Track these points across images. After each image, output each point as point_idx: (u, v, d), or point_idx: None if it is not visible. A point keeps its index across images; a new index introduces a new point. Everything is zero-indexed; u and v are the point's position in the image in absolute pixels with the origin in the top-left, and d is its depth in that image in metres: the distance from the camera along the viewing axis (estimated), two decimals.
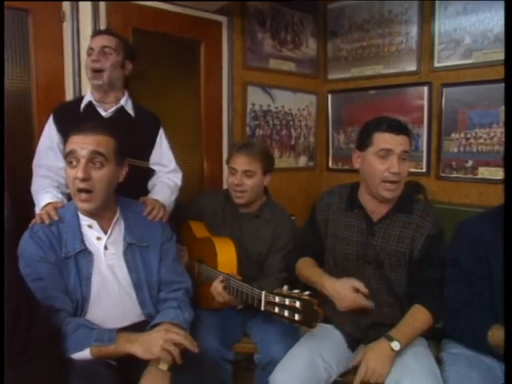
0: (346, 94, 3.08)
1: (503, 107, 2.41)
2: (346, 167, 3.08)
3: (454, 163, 2.60)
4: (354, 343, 1.50)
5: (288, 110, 2.97)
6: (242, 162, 1.75)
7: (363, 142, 1.44)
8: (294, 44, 3.00)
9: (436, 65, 2.66)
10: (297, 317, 1.20)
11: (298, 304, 1.20)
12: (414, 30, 2.75)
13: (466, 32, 2.55)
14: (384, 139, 1.38)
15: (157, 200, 1.61)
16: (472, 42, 2.53)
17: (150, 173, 1.82)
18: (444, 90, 2.62)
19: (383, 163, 1.37)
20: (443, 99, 2.62)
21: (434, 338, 1.49)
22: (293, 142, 3.03)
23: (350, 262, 1.50)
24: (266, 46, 2.83)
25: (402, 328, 1.35)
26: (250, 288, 1.40)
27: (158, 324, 1.27)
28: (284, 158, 2.98)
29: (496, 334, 1.21)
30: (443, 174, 2.64)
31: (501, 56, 2.43)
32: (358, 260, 1.48)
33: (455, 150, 2.59)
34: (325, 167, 3.20)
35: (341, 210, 1.54)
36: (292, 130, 3.01)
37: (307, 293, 1.24)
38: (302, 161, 3.10)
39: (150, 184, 1.81)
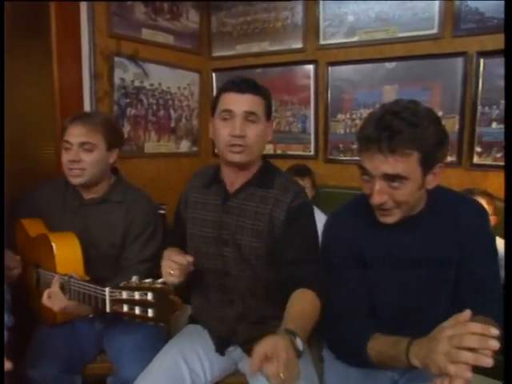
0: (232, 73, 2.83)
1: (386, 87, 2.37)
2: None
3: (341, 145, 2.51)
4: (222, 344, 1.27)
5: (166, 88, 2.62)
6: (77, 133, 1.39)
7: (213, 107, 1.25)
8: (171, 14, 2.65)
9: (321, 42, 2.53)
10: (150, 313, 0.94)
11: (149, 296, 0.95)
12: (299, 5, 2.60)
13: (349, 9, 2.46)
14: (226, 99, 1.19)
15: None
16: (355, 20, 2.45)
17: None
18: (330, 68, 2.51)
19: (226, 126, 1.18)
20: (329, 78, 2.51)
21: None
22: (173, 125, 2.69)
23: (207, 245, 1.26)
24: (138, 13, 2.44)
25: (297, 320, 0.99)
26: (93, 287, 1.10)
27: None
28: (163, 142, 2.64)
29: (375, 347, 1.00)
30: (331, 157, 2.54)
31: (382, 35, 2.38)
32: (216, 242, 1.24)
33: (342, 132, 2.49)
34: (211, 152, 2.92)
35: (200, 189, 1.32)
36: (171, 111, 2.67)
37: (161, 280, 0.98)
38: (185, 145, 2.79)
39: None
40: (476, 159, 2.20)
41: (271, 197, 1.21)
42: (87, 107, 2.22)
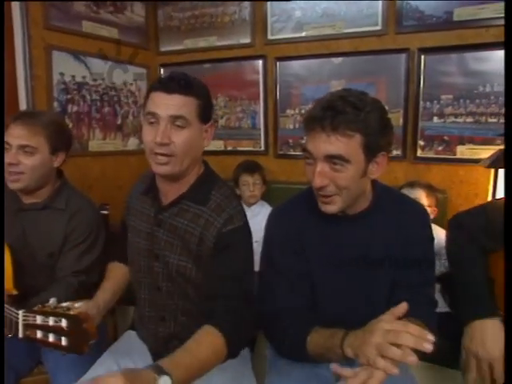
0: (180, 68, 2.76)
1: (333, 82, 2.39)
2: None
3: (290, 140, 2.51)
4: (158, 359, 1.21)
5: (111, 84, 2.52)
6: (17, 135, 1.29)
7: (143, 108, 1.10)
8: (114, 7, 2.55)
9: (270, 37, 2.52)
10: (63, 341, 0.84)
11: (64, 323, 0.84)
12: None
13: (296, 5, 2.46)
14: (152, 100, 1.03)
15: None
16: (302, 15, 2.45)
17: None
18: (278, 63, 2.50)
19: (150, 131, 1.03)
20: (277, 73, 2.50)
21: None
22: (119, 122, 2.59)
23: (140, 257, 1.17)
24: (77, 5, 2.32)
25: (181, 356, 0.90)
26: (8, 308, 1.00)
27: None
28: (109, 139, 2.53)
29: (313, 340, 0.99)
30: (281, 152, 2.54)
31: (328, 31, 2.40)
32: (148, 255, 1.15)
33: (291, 127, 2.50)
34: None
35: (139, 196, 1.21)
36: (117, 107, 2.57)
37: (78, 304, 0.90)
38: (133, 143, 2.69)
39: None
40: (419, 152, 2.27)
41: (203, 217, 1.09)
42: (23, 104, 2.10)
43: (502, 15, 2.04)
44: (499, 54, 2.07)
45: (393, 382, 1.02)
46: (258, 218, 1.89)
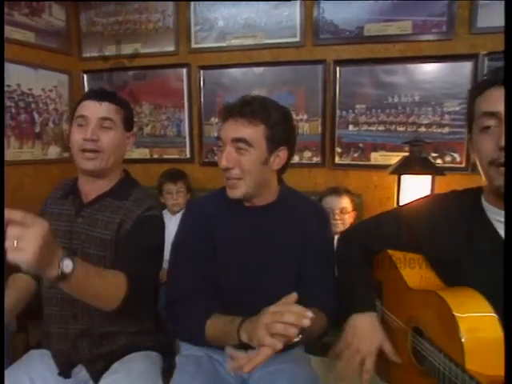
0: (104, 75, 2.71)
1: (255, 91, 2.45)
2: None
3: (215, 148, 2.53)
4: (65, 364, 1.20)
5: (28, 90, 2.41)
6: None
7: (71, 117, 1.26)
8: (30, 9, 2.45)
9: (193, 46, 2.54)
10: None
11: None
12: (170, 8, 2.58)
13: (219, 15, 2.49)
14: (82, 107, 1.20)
15: None
16: (225, 25, 2.49)
17: None
18: (202, 72, 2.52)
19: (80, 131, 1.18)
20: (201, 82, 2.53)
21: None
22: (38, 130, 2.49)
23: None
24: None
25: (89, 266, 0.96)
26: None
27: None
28: (26, 148, 2.42)
29: (213, 324, 1.07)
30: (206, 160, 2.56)
31: (250, 41, 2.45)
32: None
33: (215, 135, 2.51)
34: None
35: (57, 201, 1.28)
36: (35, 115, 2.47)
37: None
38: (54, 151, 2.59)
39: None
40: (337, 159, 2.38)
41: (124, 207, 1.21)
42: None
43: (407, 32, 2.21)
44: (405, 68, 2.23)
45: (293, 378, 1.09)
46: None
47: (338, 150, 2.37)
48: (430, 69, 2.20)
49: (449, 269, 0.99)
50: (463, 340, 0.78)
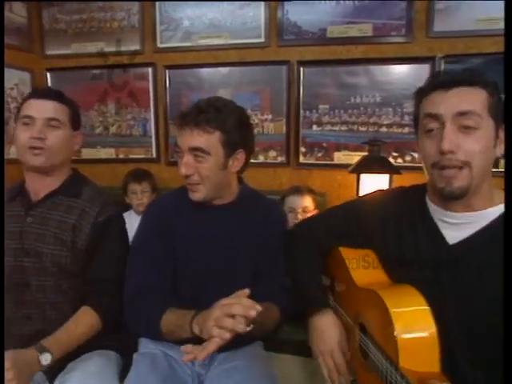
0: (68, 73, 2.67)
1: (221, 91, 2.47)
2: (74, 157, 2.71)
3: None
4: None
5: None
6: None
7: (16, 115, 1.27)
8: None
9: (159, 45, 2.53)
10: None
11: None
12: (135, 7, 2.56)
13: (184, 14, 2.49)
14: (27, 106, 1.22)
15: None
16: (190, 25, 2.49)
17: None
18: (167, 71, 2.52)
19: (26, 130, 1.19)
20: (167, 81, 2.52)
21: None
22: None
23: (8, 258, 1.20)
24: None
25: (60, 335, 1.10)
26: None
27: None
28: None
29: (168, 318, 1.09)
30: (172, 160, 2.55)
31: (216, 41, 2.46)
32: (16, 254, 1.20)
33: None
34: None
35: (6, 203, 1.27)
36: None
37: None
38: (15, 151, 2.53)
39: None
40: (302, 159, 2.42)
41: (78, 208, 1.23)
42: None
43: (367, 34, 2.26)
44: (367, 69, 2.28)
45: (248, 374, 1.10)
46: None
47: (302, 149, 2.41)
48: (390, 70, 2.27)
49: (393, 265, 1.02)
50: (397, 337, 0.81)
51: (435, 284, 0.90)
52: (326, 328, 1.07)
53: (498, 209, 0.89)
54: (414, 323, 0.82)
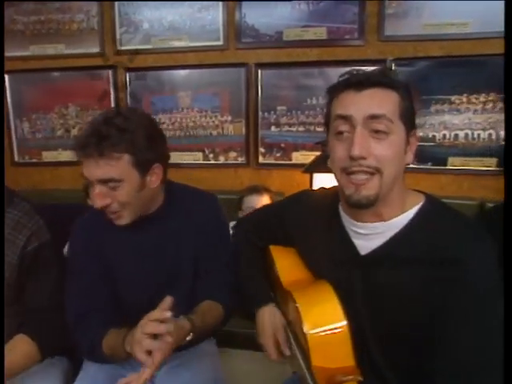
0: (27, 75, 2.64)
1: (181, 93, 2.50)
2: (35, 160, 2.71)
3: None
4: None
5: None
6: None
7: None
8: None
9: (119, 48, 2.54)
10: None
11: None
12: (94, 9, 2.56)
13: (143, 17, 2.51)
14: None
15: None
16: (150, 27, 2.51)
17: None
18: (128, 74, 2.53)
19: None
20: (127, 83, 2.54)
21: None
22: None
23: None
24: None
25: None
26: None
27: None
28: None
29: (107, 341, 1.02)
30: None
31: (175, 44, 2.49)
32: None
33: None
34: (9, 161, 2.70)
35: None
36: None
37: None
38: None
39: None
40: (261, 159, 2.48)
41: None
42: None
43: (322, 38, 2.33)
44: (322, 71, 2.35)
45: (196, 372, 1.13)
46: None
47: (262, 150, 2.47)
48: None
49: (311, 266, 1.03)
50: (307, 334, 0.80)
51: (349, 290, 0.89)
52: (268, 320, 1.05)
53: (407, 215, 0.85)
54: (323, 319, 0.81)
